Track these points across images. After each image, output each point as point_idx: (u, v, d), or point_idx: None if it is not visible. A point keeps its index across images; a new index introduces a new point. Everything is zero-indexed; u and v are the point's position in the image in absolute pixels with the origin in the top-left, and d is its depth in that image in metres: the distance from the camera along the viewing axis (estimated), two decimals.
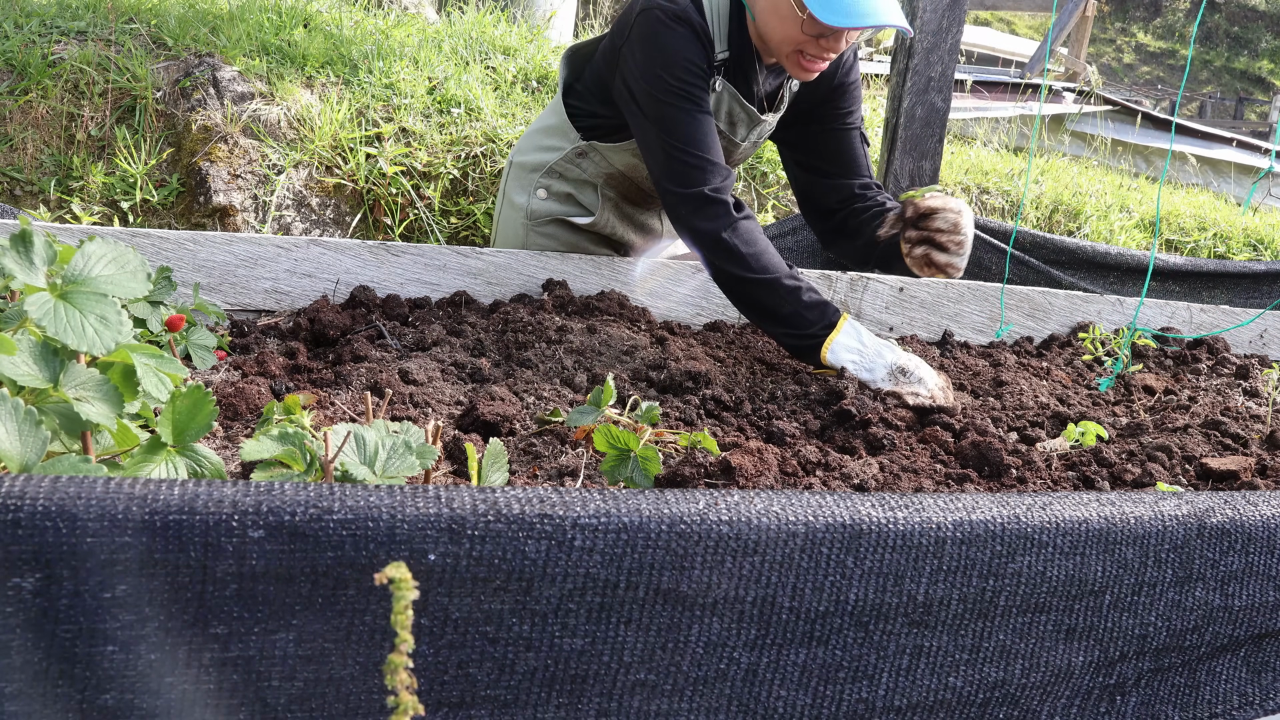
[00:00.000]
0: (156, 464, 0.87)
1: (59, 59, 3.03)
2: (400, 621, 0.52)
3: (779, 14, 1.79)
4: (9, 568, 0.65)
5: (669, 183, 1.81)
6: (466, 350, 1.70)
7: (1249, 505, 1.04)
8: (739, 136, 2.05)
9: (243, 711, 0.72)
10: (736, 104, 1.97)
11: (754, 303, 1.79)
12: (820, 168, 2.12)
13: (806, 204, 2.20)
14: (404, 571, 0.52)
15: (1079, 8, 8.31)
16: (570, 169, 2.13)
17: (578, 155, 2.11)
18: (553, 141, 2.14)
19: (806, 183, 2.17)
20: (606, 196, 2.15)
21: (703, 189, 1.77)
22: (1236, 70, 27.25)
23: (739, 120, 2.01)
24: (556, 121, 2.13)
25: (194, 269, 1.78)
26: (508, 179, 2.24)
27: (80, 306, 0.86)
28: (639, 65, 1.81)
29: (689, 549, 0.78)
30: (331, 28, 3.79)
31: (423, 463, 0.93)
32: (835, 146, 2.09)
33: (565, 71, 2.13)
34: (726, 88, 1.94)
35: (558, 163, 2.13)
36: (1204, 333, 2.54)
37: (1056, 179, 4.68)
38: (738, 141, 2.05)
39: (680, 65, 1.79)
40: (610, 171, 2.11)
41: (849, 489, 1.31)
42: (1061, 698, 0.98)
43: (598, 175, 2.12)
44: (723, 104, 1.97)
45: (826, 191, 2.12)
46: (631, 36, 1.83)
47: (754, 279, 1.75)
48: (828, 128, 2.08)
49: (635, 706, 0.81)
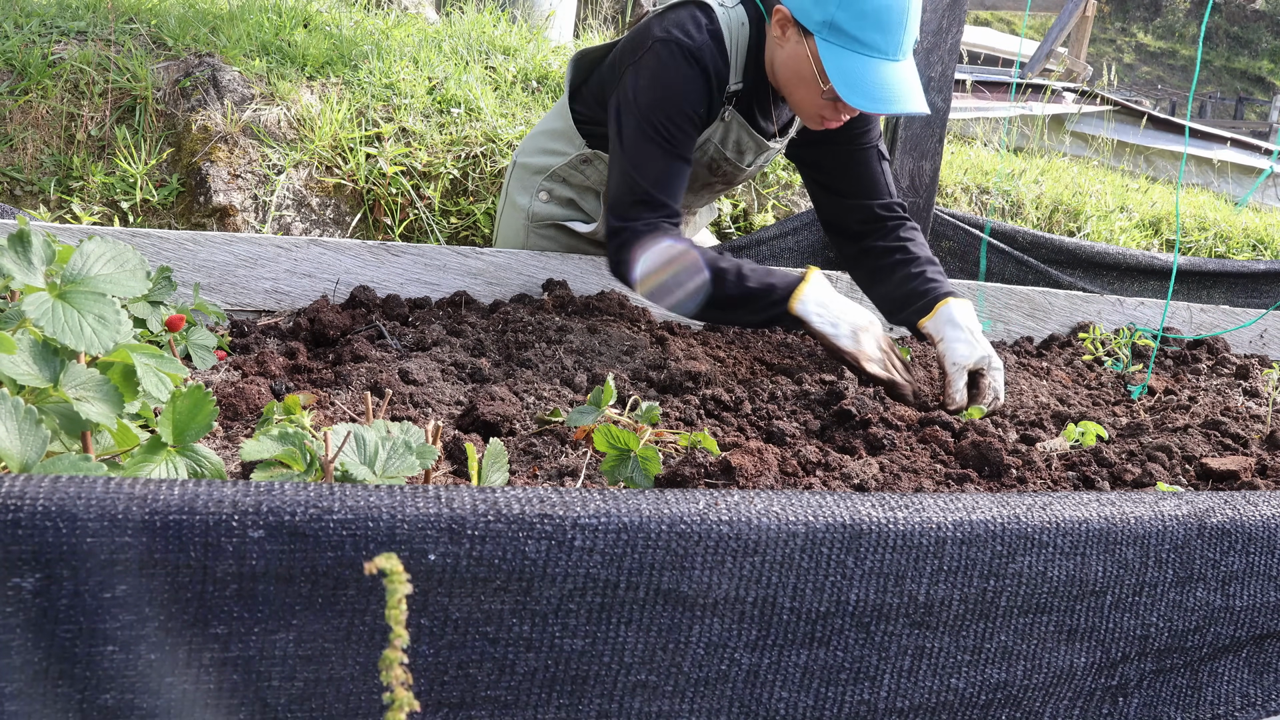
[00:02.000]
0: (156, 464, 0.87)
1: (59, 59, 3.03)
2: (394, 616, 0.51)
3: (800, 76, 1.74)
4: (9, 568, 0.65)
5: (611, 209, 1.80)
6: (466, 350, 1.70)
7: (1249, 505, 1.04)
8: (745, 162, 2.02)
9: (243, 711, 0.72)
10: (744, 133, 1.95)
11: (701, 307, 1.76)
12: (838, 188, 2.05)
13: (830, 227, 2.13)
14: (396, 563, 0.52)
15: (1079, 8, 8.31)
16: (574, 175, 2.12)
17: (582, 162, 2.09)
18: (557, 145, 2.12)
19: (827, 204, 2.10)
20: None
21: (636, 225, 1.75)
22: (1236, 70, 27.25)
23: (746, 148, 1.99)
24: (562, 126, 2.11)
25: (194, 269, 1.77)
26: (511, 178, 2.23)
27: (79, 306, 0.86)
28: (639, 92, 1.77)
29: (689, 549, 0.78)
30: (331, 28, 3.79)
31: (423, 463, 0.93)
32: (852, 166, 2.02)
33: (572, 75, 2.10)
34: (736, 118, 1.91)
35: (561, 168, 2.12)
36: (1204, 333, 2.54)
37: (1057, 179, 4.68)
38: (743, 167, 2.03)
39: (676, 108, 1.75)
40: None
41: (849, 489, 1.31)
42: (1064, 699, 0.98)
43: (600, 183, 2.11)
44: (731, 133, 1.94)
45: (846, 212, 2.05)
46: (641, 61, 1.79)
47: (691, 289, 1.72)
48: (843, 148, 2.01)
49: (636, 707, 0.81)
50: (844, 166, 2.02)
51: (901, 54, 1.68)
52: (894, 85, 1.67)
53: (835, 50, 1.66)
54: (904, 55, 1.69)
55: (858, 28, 1.64)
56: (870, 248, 2.02)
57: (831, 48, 1.66)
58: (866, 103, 1.65)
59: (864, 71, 1.65)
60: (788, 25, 1.73)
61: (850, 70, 1.65)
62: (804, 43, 1.71)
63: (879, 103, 1.66)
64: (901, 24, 1.66)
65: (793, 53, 1.74)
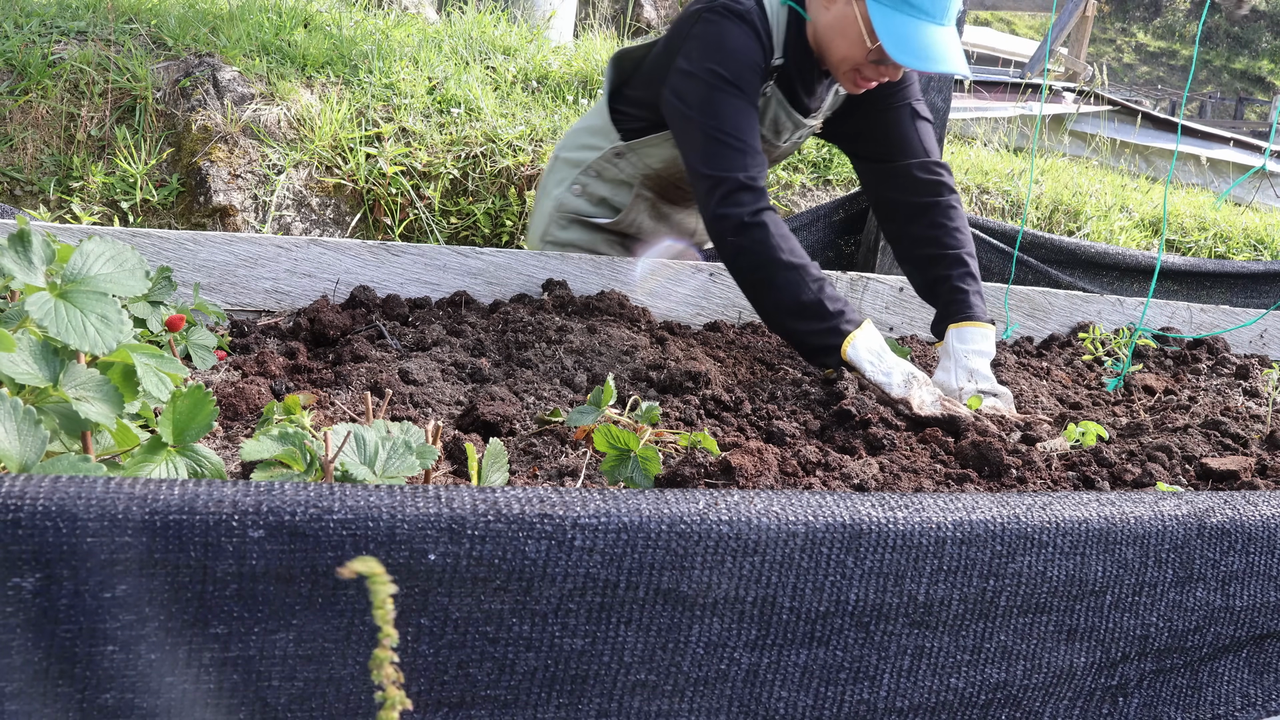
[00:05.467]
0: (156, 464, 0.87)
1: (59, 59, 3.03)
2: (381, 616, 0.52)
3: (844, 35, 1.80)
4: (9, 568, 0.65)
5: (705, 166, 1.78)
6: (466, 350, 1.70)
7: (1249, 505, 1.04)
8: (781, 140, 2.06)
9: (243, 711, 0.72)
10: (782, 110, 1.98)
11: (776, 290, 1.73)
12: (876, 153, 2.04)
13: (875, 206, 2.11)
14: (375, 566, 0.52)
15: (1079, 8, 8.31)
16: (608, 168, 2.16)
17: (615, 155, 2.14)
18: (594, 141, 2.17)
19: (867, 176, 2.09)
20: (643, 196, 2.17)
21: (738, 174, 1.74)
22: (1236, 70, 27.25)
23: (784, 126, 2.02)
24: (600, 123, 2.16)
25: (194, 269, 1.77)
26: (550, 172, 2.29)
27: (81, 306, 0.86)
28: (698, 59, 1.81)
29: (689, 549, 0.78)
30: (331, 28, 3.79)
31: (423, 463, 0.93)
32: (887, 127, 2.01)
33: (612, 74, 2.15)
34: (776, 94, 1.95)
35: (596, 161, 2.16)
36: (1204, 333, 2.54)
37: (1056, 179, 4.68)
38: (779, 144, 2.06)
39: (738, 58, 1.79)
40: (648, 171, 2.13)
41: (849, 489, 1.31)
42: (1064, 699, 0.98)
43: (635, 175, 2.15)
44: (769, 109, 1.97)
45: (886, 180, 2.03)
46: (692, 33, 1.84)
47: (782, 261, 1.71)
48: (879, 110, 2.01)
49: (635, 707, 0.81)
50: (880, 128, 2.02)
51: (947, 19, 1.76)
52: (939, 46, 1.73)
53: (885, 11, 1.73)
54: (949, 21, 1.76)
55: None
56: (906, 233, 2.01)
57: (882, 8, 1.73)
58: (914, 60, 1.72)
59: (912, 32, 1.73)
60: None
61: (899, 30, 1.72)
62: (853, 4, 1.77)
63: (926, 61, 1.72)
64: None
65: (840, 14, 1.80)
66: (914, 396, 1.63)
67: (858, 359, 1.68)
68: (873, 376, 1.66)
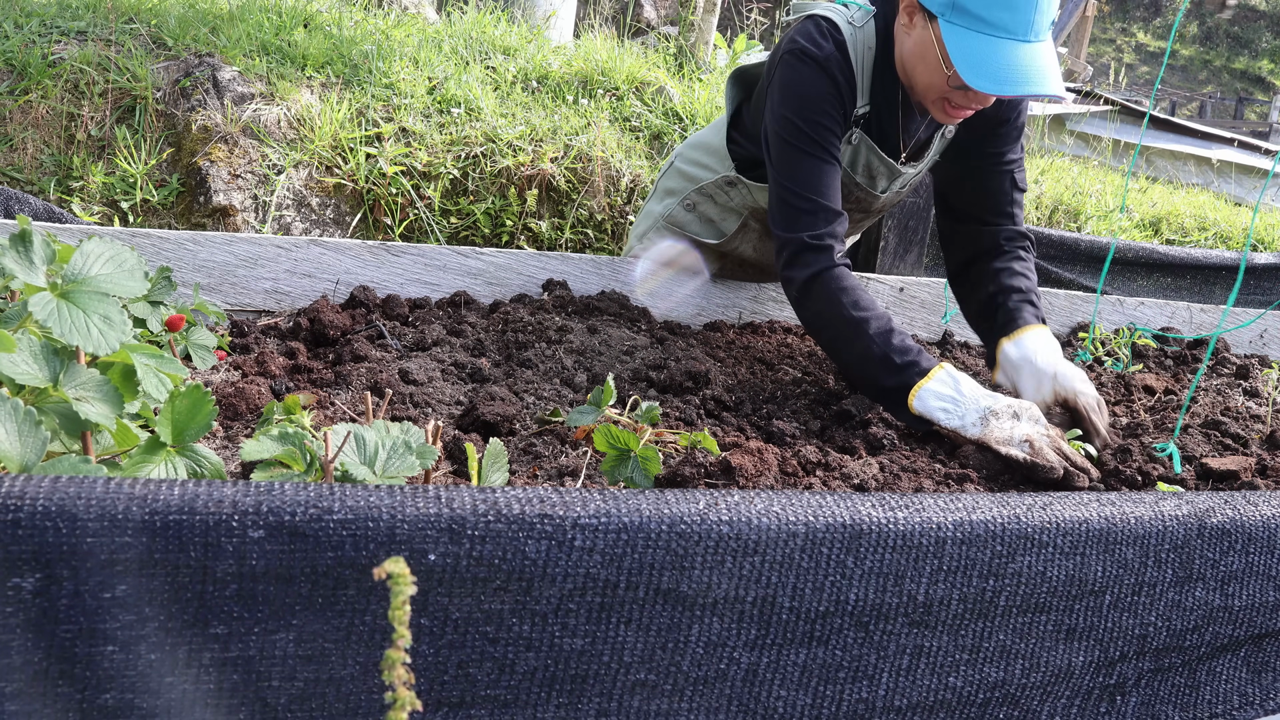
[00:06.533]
0: (156, 464, 0.87)
1: (59, 59, 3.03)
2: (398, 617, 0.52)
3: (925, 61, 1.67)
4: (9, 568, 0.65)
5: (775, 226, 1.73)
6: (466, 350, 1.70)
7: (1249, 505, 1.04)
8: (879, 189, 1.93)
9: (243, 711, 0.72)
10: (874, 156, 1.86)
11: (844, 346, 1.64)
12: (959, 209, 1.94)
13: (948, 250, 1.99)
14: (402, 567, 0.52)
15: (1079, 8, 8.31)
16: (719, 194, 2.10)
17: (727, 184, 2.07)
18: (709, 161, 2.10)
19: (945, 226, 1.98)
20: (750, 227, 2.11)
21: (803, 235, 1.67)
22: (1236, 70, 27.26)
23: (878, 173, 1.90)
24: (717, 143, 2.08)
25: (194, 269, 1.78)
26: (664, 175, 2.23)
27: (83, 306, 0.86)
28: (776, 107, 1.74)
29: (689, 549, 0.78)
30: (331, 28, 3.79)
31: (423, 463, 0.93)
32: (975, 179, 1.90)
33: (732, 93, 2.05)
34: (864, 140, 1.83)
35: (709, 185, 2.09)
36: (1204, 333, 2.54)
37: (1057, 179, 4.68)
38: (877, 194, 1.94)
39: (812, 109, 1.70)
40: (756, 206, 2.06)
41: (849, 489, 1.31)
42: (1062, 698, 0.98)
43: (744, 206, 2.08)
44: (860, 156, 1.87)
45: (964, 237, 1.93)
46: (775, 78, 1.76)
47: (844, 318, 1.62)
48: (974, 163, 1.89)
49: (635, 706, 0.81)
50: (967, 179, 1.91)
51: (1034, 34, 1.58)
52: (1022, 67, 1.57)
53: (959, 31, 1.59)
54: (1037, 35, 1.59)
55: (982, 6, 1.57)
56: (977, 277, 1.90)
57: (955, 29, 1.59)
58: (990, 85, 1.56)
59: (989, 53, 1.57)
60: (914, 11, 1.67)
61: (975, 52, 1.58)
62: (929, 27, 1.64)
63: (1004, 84, 1.56)
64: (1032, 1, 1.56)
65: (918, 39, 1.67)
66: (991, 435, 1.48)
67: (927, 411, 1.53)
68: (948, 424, 1.52)
